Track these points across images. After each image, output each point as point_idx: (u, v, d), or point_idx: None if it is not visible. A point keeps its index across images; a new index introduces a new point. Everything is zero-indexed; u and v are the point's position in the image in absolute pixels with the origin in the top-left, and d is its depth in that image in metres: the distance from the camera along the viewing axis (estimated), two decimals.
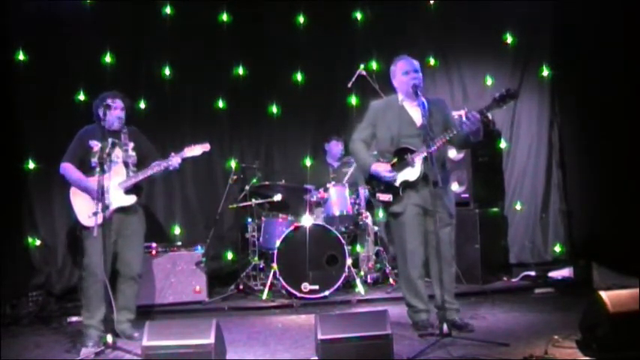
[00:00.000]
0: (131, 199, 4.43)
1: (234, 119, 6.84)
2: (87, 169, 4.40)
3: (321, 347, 3.39)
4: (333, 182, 6.06)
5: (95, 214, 4.05)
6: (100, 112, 4.37)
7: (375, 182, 4.40)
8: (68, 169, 4.44)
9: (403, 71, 4.35)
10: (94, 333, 4.25)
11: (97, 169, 4.12)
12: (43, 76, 5.89)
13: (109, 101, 4.40)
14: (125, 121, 4.58)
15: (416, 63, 4.38)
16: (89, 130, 4.52)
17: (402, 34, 6.72)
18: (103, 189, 4.07)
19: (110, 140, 4.42)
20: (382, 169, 4.31)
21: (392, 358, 3.39)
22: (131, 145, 4.54)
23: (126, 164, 4.47)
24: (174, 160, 4.45)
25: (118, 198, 4.37)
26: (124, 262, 4.47)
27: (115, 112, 4.43)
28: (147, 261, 5.44)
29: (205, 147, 4.59)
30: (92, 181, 4.23)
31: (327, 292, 5.48)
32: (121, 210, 4.40)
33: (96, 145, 4.38)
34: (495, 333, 4.11)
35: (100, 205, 4.04)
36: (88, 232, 4.25)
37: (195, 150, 4.56)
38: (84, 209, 4.32)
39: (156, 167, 4.44)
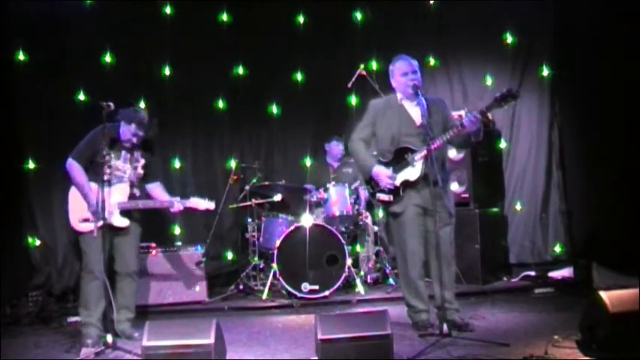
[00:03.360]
0: (124, 222, 4.38)
1: (234, 119, 6.83)
2: (91, 173, 4.33)
3: (321, 347, 3.39)
4: (333, 182, 6.06)
5: (85, 220, 4.09)
6: (126, 124, 4.36)
7: (375, 182, 4.39)
8: (75, 169, 4.32)
9: (401, 73, 4.35)
10: (93, 332, 4.24)
11: (100, 179, 4.11)
12: (43, 76, 5.89)
13: (138, 121, 4.34)
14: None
15: (415, 63, 4.37)
16: (106, 132, 4.23)
17: (402, 34, 6.72)
18: (103, 202, 4.06)
19: (123, 153, 4.39)
20: (383, 174, 4.30)
21: (392, 358, 3.40)
22: (142, 162, 4.50)
23: (131, 184, 4.43)
24: (177, 206, 4.49)
25: (113, 216, 4.32)
26: (121, 260, 4.46)
27: (133, 138, 4.38)
28: (147, 261, 5.45)
29: (210, 206, 4.64)
30: (93, 191, 4.22)
31: (327, 292, 5.48)
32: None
33: (106, 152, 4.26)
34: (495, 333, 4.11)
35: (97, 214, 4.08)
36: (83, 234, 4.28)
37: (200, 204, 4.60)
38: (76, 212, 4.32)
39: (158, 203, 4.49)
